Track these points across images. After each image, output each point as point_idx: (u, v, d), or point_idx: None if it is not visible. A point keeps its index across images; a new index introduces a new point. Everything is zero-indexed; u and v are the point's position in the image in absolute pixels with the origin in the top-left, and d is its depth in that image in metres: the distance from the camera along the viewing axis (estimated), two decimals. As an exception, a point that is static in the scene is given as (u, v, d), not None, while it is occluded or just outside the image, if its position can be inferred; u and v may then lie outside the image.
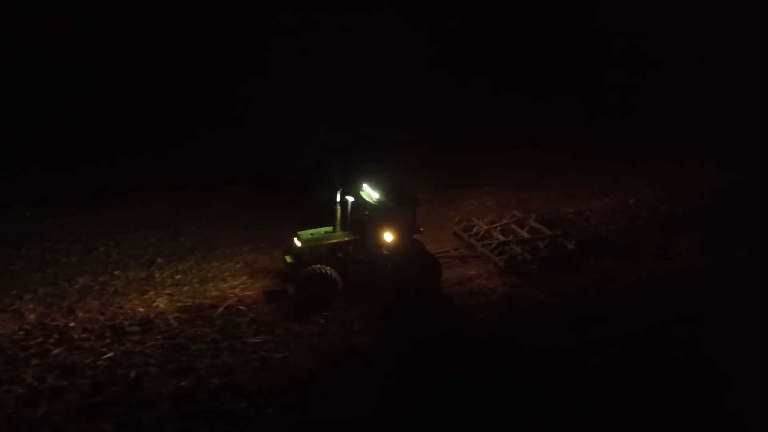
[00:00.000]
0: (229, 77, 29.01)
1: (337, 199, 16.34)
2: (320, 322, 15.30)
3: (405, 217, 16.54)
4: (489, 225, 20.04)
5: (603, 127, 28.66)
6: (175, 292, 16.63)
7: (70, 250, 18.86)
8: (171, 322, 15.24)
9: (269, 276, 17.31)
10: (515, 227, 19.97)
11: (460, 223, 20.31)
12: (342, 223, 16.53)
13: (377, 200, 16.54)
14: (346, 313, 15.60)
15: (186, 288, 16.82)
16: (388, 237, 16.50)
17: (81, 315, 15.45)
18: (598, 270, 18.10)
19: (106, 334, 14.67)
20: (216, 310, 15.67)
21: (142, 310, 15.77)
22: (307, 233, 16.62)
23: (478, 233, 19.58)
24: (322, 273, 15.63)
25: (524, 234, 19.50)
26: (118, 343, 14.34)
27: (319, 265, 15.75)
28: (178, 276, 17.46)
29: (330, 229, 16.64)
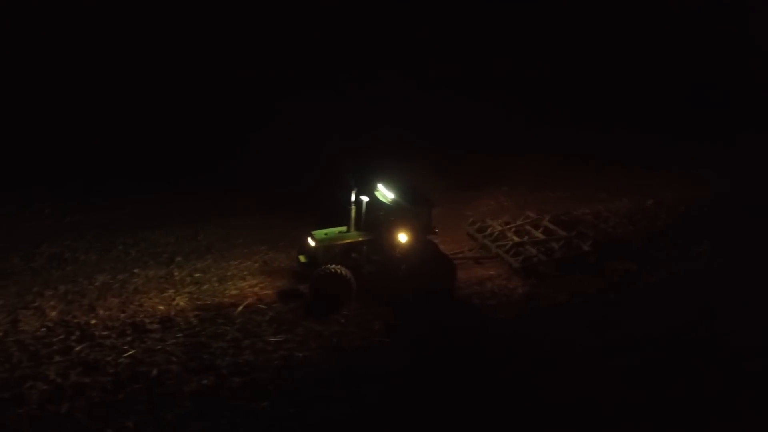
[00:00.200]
0: (254, 82, 29.20)
1: (352, 199, 16.25)
2: (340, 321, 15.27)
3: (419, 218, 16.39)
4: (503, 226, 19.94)
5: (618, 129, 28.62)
6: (195, 290, 16.66)
7: (89, 248, 18.95)
8: (191, 320, 15.25)
9: (288, 275, 17.30)
10: (530, 228, 19.87)
11: (474, 224, 20.22)
12: (356, 223, 16.42)
13: (392, 200, 16.46)
14: (365, 313, 15.56)
15: (205, 286, 16.85)
16: (402, 237, 16.40)
17: (102, 312, 15.49)
18: (619, 271, 17.98)
19: (127, 332, 14.70)
20: (236, 309, 15.67)
21: (162, 308, 15.81)
22: (321, 233, 16.55)
23: (492, 234, 19.50)
24: (335, 273, 15.55)
25: (539, 235, 19.38)
26: (139, 341, 14.36)
27: (332, 265, 15.70)
28: (197, 274, 17.49)
29: (344, 228, 16.57)
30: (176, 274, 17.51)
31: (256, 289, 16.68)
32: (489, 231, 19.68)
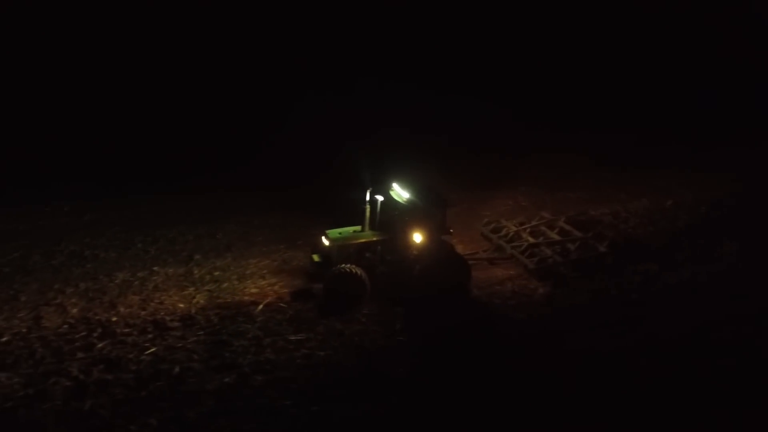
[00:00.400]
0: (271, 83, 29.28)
1: (367, 199, 16.14)
2: (361, 320, 15.20)
3: (435, 218, 16.22)
4: (518, 227, 19.77)
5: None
6: (215, 288, 16.64)
7: (109, 245, 18.98)
8: (212, 318, 15.24)
9: (307, 274, 17.25)
10: (545, 229, 19.68)
11: (489, 224, 20.06)
12: (371, 223, 16.29)
13: (407, 200, 16.32)
14: (387, 312, 15.48)
15: (225, 284, 16.83)
16: (417, 237, 16.26)
17: (122, 310, 15.51)
18: (640, 272, 17.81)
19: (148, 329, 14.70)
20: (256, 307, 15.64)
21: (182, 305, 15.80)
22: (335, 232, 16.40)
23: (507, 235, 19.35)
24: (349, 272, 15.42)
25: (554, 236, 19.20)
26: (160, 339, 14.35)
27: (346, 265, 15.59)
28: (217, 272, 17.46)
29: (359, 228, 16.44)
30: (195, 272, 17.50)
31: (275, 287, 16.64)
32: (504, 232, 19.54)
